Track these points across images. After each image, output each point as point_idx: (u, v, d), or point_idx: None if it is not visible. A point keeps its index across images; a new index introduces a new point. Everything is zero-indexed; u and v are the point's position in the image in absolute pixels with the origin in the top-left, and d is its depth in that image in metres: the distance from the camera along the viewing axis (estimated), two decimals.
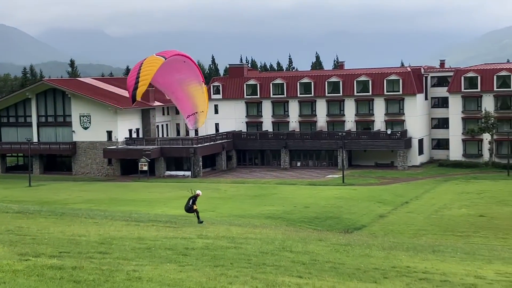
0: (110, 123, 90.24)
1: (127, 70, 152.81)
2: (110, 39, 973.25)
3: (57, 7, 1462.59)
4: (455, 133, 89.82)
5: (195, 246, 19.60)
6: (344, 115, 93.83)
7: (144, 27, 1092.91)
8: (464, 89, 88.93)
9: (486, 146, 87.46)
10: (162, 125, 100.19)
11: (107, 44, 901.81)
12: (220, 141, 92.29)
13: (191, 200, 29.19)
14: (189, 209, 29.42)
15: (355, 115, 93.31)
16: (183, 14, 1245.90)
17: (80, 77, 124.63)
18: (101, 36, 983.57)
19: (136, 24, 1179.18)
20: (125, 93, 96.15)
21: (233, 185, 76.73)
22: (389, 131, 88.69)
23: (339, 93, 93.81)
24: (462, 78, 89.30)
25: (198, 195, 29.40)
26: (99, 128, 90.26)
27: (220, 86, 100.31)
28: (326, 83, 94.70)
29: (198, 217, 29.58)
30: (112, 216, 33.22)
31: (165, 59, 21.89)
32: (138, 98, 21.03)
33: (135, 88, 20.27)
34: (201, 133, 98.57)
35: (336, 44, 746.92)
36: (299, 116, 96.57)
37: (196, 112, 22.39)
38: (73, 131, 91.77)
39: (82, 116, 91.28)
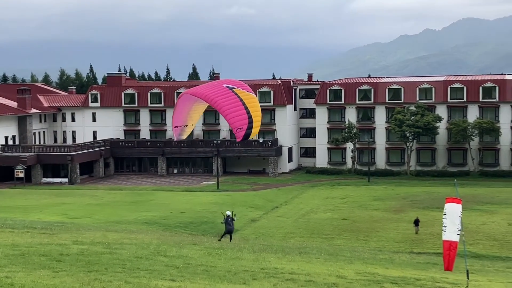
0: None
1: (4, 77, 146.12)
2: None
3: None
4: (321, 142, 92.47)
5: (70, 252, 19.08)
6: (219, 124, 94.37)
7: (19, 35, 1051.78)
8: (330, 101, 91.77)
9: (349, 154, 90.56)
10: (39, 132, 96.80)
11: None
12: (98, 149, 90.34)
13: (232, 222, 30.97)
14: (230, 230, 31.22)
15: None
16: (60, 23, 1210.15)
17: None
18: None
19: (11, 32, 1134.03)
20: (0, 100, 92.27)
21: (110, 191, 75.27)
22: (261, 140, 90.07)
23: None
24: (328, 91, 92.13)
25: (229, 215, 31.22)
26: None
27: (98, 94, 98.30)
28: None
29: (228, 236, 31.30)
30: None
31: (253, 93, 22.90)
32: (252, 136, 22.06)
33: (250, 128, 21.11)
34: (79, 140, 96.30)
35: (212, 56, 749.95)
36: None
37: (186, 126, 22.50)
38: None
39: None
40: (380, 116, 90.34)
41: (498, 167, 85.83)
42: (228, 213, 31.61)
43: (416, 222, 49.49)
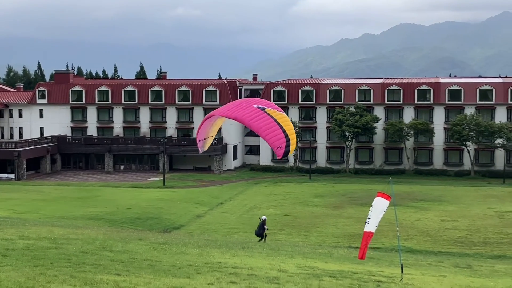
0: None
1: None
2: None
3: None
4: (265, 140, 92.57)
5: (16, 247, 18.68)
6: (166, 122, 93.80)
7: None
8: (274, 101, 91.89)
9: (291, 153, 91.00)
10: None
11: None
12: (44, 145, 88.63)
13: (264, 227, 33.15)
14: (260, 234, 33.14)
15: (176, 122, 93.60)
16: (7, 20, 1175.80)
17: None
18: None
19: None
20: None
21: (57, 187, 73.95)
22: None
23: (162, 101, 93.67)
24: (272, 91, 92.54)
25: (265, 220, 33.65)
26: None
27: (46, 91, 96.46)
28: (149, 91, 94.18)
29: (265, 238, 33.09)
30: None
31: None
32: (291, 153, 22.62)
33: (288, 146, 21.95)
34: (26, 136, 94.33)
35: (160, 55, 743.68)
36: (123, 122, 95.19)
37: (207, 138, 23.51)
38: None
39: None
40: (321, 116, 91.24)
41: (431, 165, 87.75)
42: (264, 217, 33.98)
43: None
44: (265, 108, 22.75)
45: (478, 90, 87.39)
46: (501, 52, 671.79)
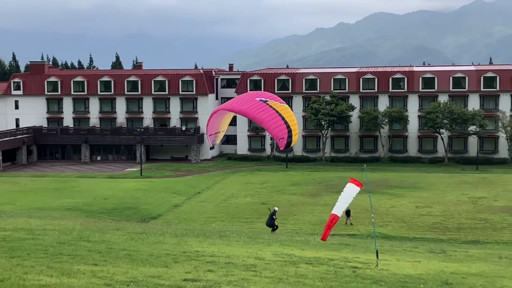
0: None
1: None
2: None
3: None
4: (241, 130, 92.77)
5: None
6: (143, 112, 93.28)
7: None
8: (250, 90, 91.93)
9: (268, 142, 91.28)
10: None
11: None
12: (20, 136, 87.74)
13: (273, 217, 33.65)
14: (271, 224, 33.51)
15: (153, 112, 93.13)
16: None
17: None
18: None
19: None
20: None
21: (33, 178, 73.29)
22: (183, 128, 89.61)
23: (138, 91, 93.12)
24: (248, 80, 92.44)
25: (276, 211, 34.25)
26: None
27: (21, 82, 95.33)
28: (125, 82, 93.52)
29: (275, 229, 33.72)
30: None
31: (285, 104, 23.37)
32: (294, 144, 22.70)
33: (290, 136, 22.05)
34: (1, 128, 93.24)
35: (136, 45, 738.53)
36: (99, 112, 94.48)
37: (219, 132, 24.01)
38: None
39: None
40: (297, 105, 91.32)
41: (406, 153, 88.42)
42: (276, 209, 34.77)
43: (348, 213, 47.03)
44: (267, 101, 22.82)
45: (451, 78, 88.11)
46: (473, 40, 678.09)
